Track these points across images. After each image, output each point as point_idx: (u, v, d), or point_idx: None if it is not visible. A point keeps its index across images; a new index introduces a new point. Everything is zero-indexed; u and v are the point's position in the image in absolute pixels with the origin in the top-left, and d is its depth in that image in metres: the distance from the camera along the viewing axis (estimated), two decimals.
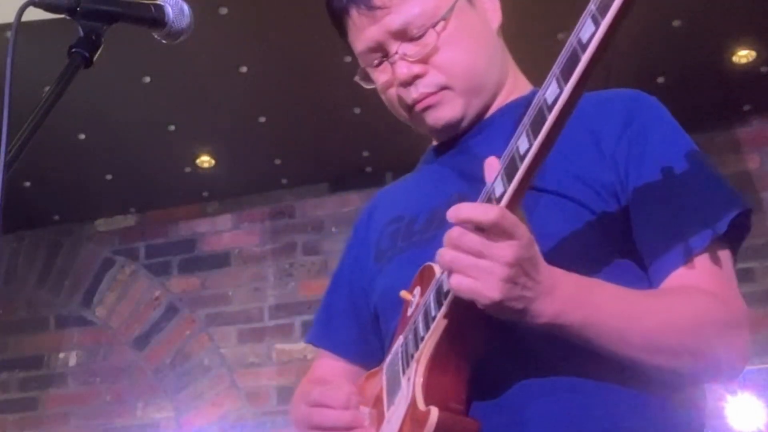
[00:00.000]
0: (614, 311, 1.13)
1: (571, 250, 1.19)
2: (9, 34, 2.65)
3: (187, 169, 4.22)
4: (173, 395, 4.32)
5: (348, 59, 3.49)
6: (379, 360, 1.37)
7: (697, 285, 1.18)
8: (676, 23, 3.33)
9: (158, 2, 1.28)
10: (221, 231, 4.51)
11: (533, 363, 1.19)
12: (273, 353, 4.25)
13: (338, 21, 1.44)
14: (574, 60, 1.00)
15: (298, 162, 4.22)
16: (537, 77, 1.40)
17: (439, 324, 1.15)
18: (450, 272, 1.08)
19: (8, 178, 1.06)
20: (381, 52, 1.39)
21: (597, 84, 1.41)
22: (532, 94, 1.38)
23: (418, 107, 1.37)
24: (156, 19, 1.27)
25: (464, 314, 1.14)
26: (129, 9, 1.25)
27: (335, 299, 1.57)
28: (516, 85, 1.44)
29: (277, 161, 4.21)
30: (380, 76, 1.41)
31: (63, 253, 4.68)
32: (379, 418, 1.27)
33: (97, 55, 1.20)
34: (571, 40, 1.01)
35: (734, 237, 1.22)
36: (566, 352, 1.16)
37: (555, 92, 1.02)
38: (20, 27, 1.14)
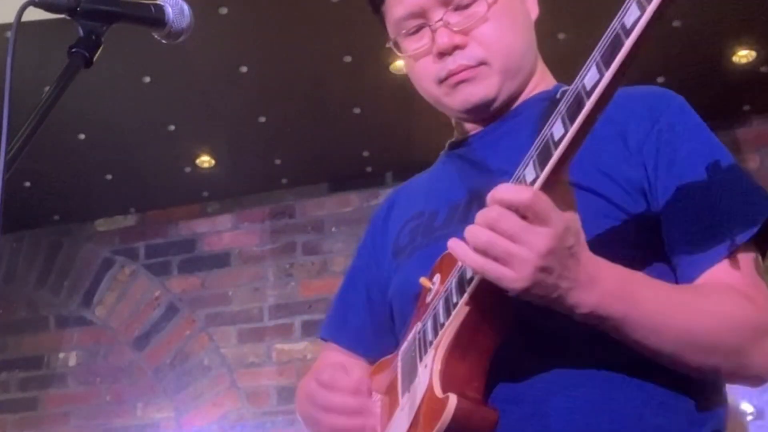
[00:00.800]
0: (656, 307, 1.12)
1: (597, 246, 1.18)
2: (9, 34, 2.65)
3: (187, 169, 4.22)
4: (173, 395, 4.31)
5: (348, 59, 3.49)
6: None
7: (733, 285, 1.17)
8: (676, 23, 3.32)
9: (158, 2, 1.28)
10: (221, 231, 4.51)
11: (556, 355, 1.18)
12: (273, 353, 4.25)
13: None
14: (616, 45, 0.99)
15: (298, 162, 4.21)
16: None
17: (460, 311, 1.14)
18: (482, 254, 1.06)
19: (8, 178, 1.06)
20: (422, 18, 1.36)
21: None
22: (556, 89, 1.37)
23: (453, 80, 1.34)
24: (156, 19, 1.27)
25: (487, 302, 1.12)
26: (129, 9, 1.25)
27: (349, 295, 1.56)
28: (542, 80, 1.42)
29: (277, 161, 4.21)
30: (413, 44, 1.38)
31: (63, 253, 4.68)
32: (392, 405, 1.26)
33: (97, 55, 1.20)
34: (614, 25, 0.99)
35: (763, 241, 1.21)
36: (590, 346, 1.16)
37: (594, 78, 1.01)
38: (20, 27, 1.14)
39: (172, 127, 3.90)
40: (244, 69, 3.54)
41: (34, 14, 1.16)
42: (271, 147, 4.08)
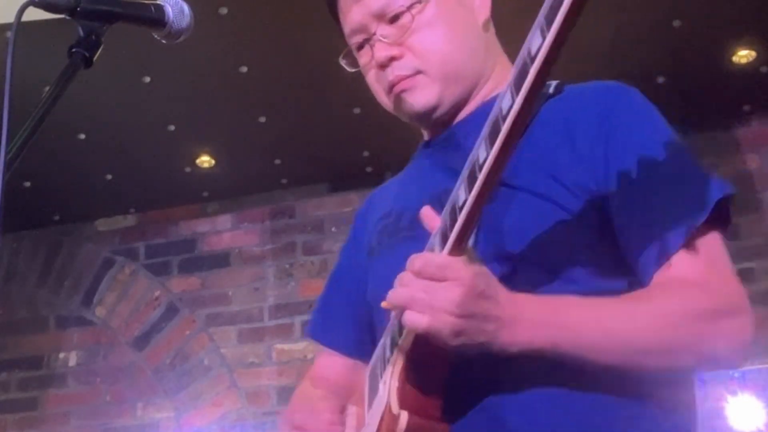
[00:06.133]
0: (588, 324, 1.13)
1: (546, 249, 1.19)
2: (9, 34, 2.65)
3: (187, 169, 4.23)
4: (173, 395, 4.32)
5: None
6: None
7: (684, 278, 1.16)
8: (676, 23, 3.32)
9: (158, 2, 1.28)
10: (221, 231, 4.51)
11: (513, 370, 1.17)
12: (273, 353, 4.25)
13: (332, 6, 1.46)
14: (524, 72, 1.02)
15: (298, 162, 4.22)
16: None
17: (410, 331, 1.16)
18: (407, 310, 1.10)
19: (8, 178, 1.06)
20: (364, 33, 1.40)
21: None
22: None
23: (395, 90, 1.38)
24: (156, 19, 1.27)
25: None
26: (129, 9, 1.25)
27: (332, 295, 1.58)
28: (503, 80, 1.40)
29: (277, 161, 4.21)
30: (362, 59, 1.42)
31: (63, 253, 4.68)
32: (361, 421, 1.27)
33: (97, 55, 1.21)
34: (523, 52, 1.03)
35: (721, 219, 1.20)
36: (545, 361, 1.15)
37: (508, 103, 1.04)
38: (20, 27, 1.14)
39: (172, 127, 3.91)
40: (244, 69, 3.55)
41: (34, 14, 1.16)
42: (271, 147, 4.09)
